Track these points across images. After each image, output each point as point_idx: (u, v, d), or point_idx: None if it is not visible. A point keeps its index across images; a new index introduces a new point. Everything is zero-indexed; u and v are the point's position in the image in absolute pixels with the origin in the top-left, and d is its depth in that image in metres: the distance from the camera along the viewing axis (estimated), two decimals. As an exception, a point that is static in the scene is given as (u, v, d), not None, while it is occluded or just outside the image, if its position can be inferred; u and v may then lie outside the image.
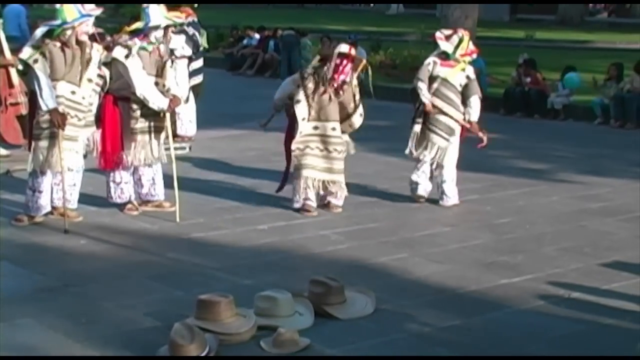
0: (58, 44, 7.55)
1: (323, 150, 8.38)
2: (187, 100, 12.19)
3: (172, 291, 6.15)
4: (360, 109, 8.56)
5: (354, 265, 6.88)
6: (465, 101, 8.92)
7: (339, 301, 5.84)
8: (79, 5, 7.61)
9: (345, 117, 8.50)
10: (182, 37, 12.01)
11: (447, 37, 8.95)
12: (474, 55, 9.07)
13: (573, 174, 10.60)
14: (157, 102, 7.99)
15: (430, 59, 9.03)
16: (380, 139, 12.25)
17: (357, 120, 8.59)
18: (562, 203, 9.10)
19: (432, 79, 8.91)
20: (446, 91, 8.89)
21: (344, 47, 8.40)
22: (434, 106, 8.86)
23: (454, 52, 8.86)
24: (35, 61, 7.49)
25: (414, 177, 9.02)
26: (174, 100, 8.16)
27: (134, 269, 6.66)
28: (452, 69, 8.89)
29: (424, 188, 9.00)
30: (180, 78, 12.05)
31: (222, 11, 32.87)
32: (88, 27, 7.67)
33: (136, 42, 7.94)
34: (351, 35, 18.32)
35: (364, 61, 8.75)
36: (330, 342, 5.35)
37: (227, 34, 24.27)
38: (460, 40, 8.86)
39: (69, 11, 7.57)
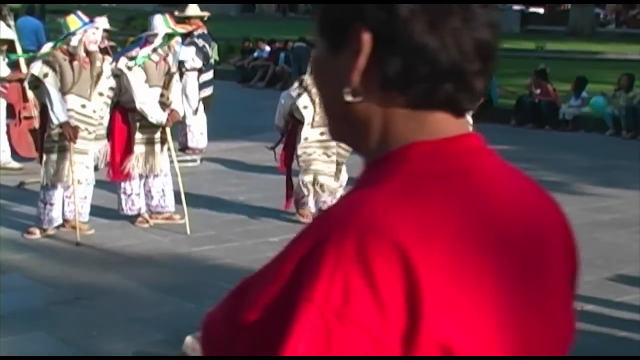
0: (67, 57, 7.58)
1: (330, 156, 8.25)
2: (196, 112, 12.26)
3: (183, 304, 6.15)
4: None
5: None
6: None
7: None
8: (81, 15, 7.69)
9: None
10: (192, 49, 12.07)
11: None
12: None
13: (585, 185, 10.56)
14: (155, 115, 8.00)
15: None
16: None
17: None
18: (573, 215, 8.93)
19: None
20: None
21: None
22: None
23: None
24: (46, 75, 7.51)
25: None
26: (172, 115, 8.14)
27: (145, 282, 6.66)
28: None
29: None
30: (190, 90, 12.20)
31: (232, 23, 32.96)
32: (96, 36, 7.70)
33: (140, 52, 7.97)
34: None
35: None
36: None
37: (238, 46, 24.35)
38: None
39: (72, 21, 7.65)
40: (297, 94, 8.20)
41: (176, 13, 11.98)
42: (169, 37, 8.08)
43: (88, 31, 7.61)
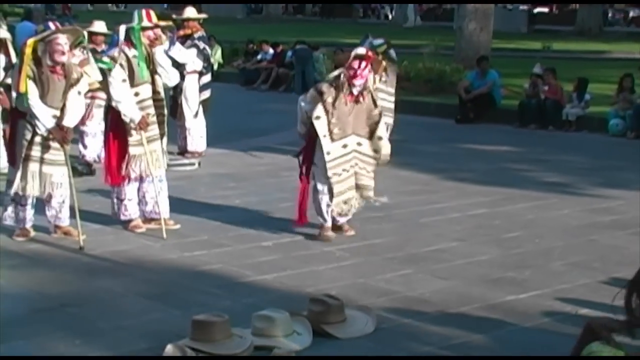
0: (34, 67, 7.45)
1: (354, 167, 7.95)
2: (196, 115, 12.19)
3: (170, 311, 6.05)
4: (381, 132, 8.08)
5: (357, 282, 6.76)
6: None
7: (338, 320, 5.72)
8: (50, 24, 7.64)
9: (371, 128, 7.98)
10: (194, 51, 12.02)
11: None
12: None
13: (585, 186, 10.44)
14: (129, 114, 7.88)
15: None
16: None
17: (385, 147, 8.10)
18: (572, 216, 8.94)
19: None
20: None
21: (360, 50, 8.00)
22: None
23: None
24: (26, 90, 7.41)
25: None
26: (143, 120, 7.93)
27: (133, 288, 6.57)
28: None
29: None
30: (190, 93, 12.13)
31: (239, 26, 32.92)
32: (61, 47, 7.49)
33: (123, 51, 7.88)
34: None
35: (383, 63, 8.48)
36: (327, 362, 5.25)
37: (242, 49, 24.27)
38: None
39: (40, 28, 7.63)
40: (313, 102, 7.88)
41: (174, 16, 11.92)
42: (133, 31, 7.93)
43: (53, 42, 7.49)
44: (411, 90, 18.03)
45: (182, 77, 11.32)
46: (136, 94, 7.99)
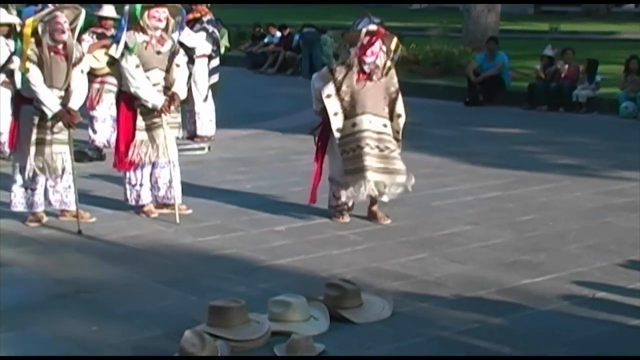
0: (36, 49, 7.40)
1: (374, 149, 7.71)
2: (206, 99, 12.15)
3: (185, 296, 6.03)
4: (400, 108, 7.87)
5: (372, 266, 6.73)
6: None
7: (355, 305, 5.69)
8: (50, 6, 7.57)
9: (390, 107, 7.81)
10: (203, 34, 11.97)
11: None
12: None
13: (598, 168, 10.39)
14: (151, 99, 7.85)
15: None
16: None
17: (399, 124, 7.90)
18: (586, 199, 8.90)
19: None
20: None
21: (371, 26, 7.83)
22: None
23: None
24: (27, 70, 7.37)
25: None
26: (172, 98, 7.94)
27: (148, 274, 6.55)
28: None
29: None
30: (200, 77, 12.08)
31: (243, 10, 32.79)
32: (61, 25, 7.44)
33: (133, 36, 7.81)
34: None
35: (396, 39, 8.26)
36: (345, 347, 5.22)
37: (248, 32, 24.20)
38: None
39: (38, 8, 7.58)
40: (324, 80, 7.80)
41: (182, -1, 11.83)
42: (134, 10, 7.85)
43: (52, 21, 7.43)
44: (419, 72, 18.01)
45: (192, 61, 11.27)
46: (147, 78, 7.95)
